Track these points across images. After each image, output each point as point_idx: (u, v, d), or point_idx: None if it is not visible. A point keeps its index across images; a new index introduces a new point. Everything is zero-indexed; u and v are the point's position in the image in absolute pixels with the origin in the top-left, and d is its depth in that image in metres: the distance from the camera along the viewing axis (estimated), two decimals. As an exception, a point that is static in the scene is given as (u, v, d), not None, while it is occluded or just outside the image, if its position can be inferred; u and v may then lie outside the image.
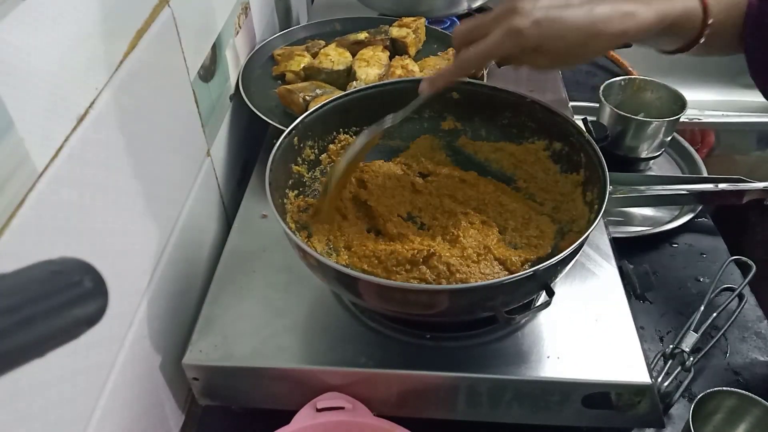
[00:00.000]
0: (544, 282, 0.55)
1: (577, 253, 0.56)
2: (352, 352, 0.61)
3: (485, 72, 0.90)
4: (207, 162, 0.75)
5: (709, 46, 0.62)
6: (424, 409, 0.63)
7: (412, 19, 0.98)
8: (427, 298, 0.54)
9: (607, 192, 0.58)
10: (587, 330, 0.62)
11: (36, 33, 0.42)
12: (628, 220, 0.93)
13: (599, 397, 0.59)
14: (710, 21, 0.59)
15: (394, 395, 0.61)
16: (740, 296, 0.80)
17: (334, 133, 0.73)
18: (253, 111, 0.82)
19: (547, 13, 0.54)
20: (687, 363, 0.71)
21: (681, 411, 0.69)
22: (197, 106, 0.71)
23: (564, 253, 0.53)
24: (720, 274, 0.81)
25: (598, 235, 0.71)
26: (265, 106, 0.84)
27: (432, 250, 0.62)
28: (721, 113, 1.27)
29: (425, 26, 0.99)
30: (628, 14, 0.56)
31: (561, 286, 0.64)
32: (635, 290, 0.67)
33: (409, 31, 0.96)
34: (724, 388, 0.62)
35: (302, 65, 0.91)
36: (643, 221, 0.93)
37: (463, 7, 1.10)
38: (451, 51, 0.94)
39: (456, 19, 1.15)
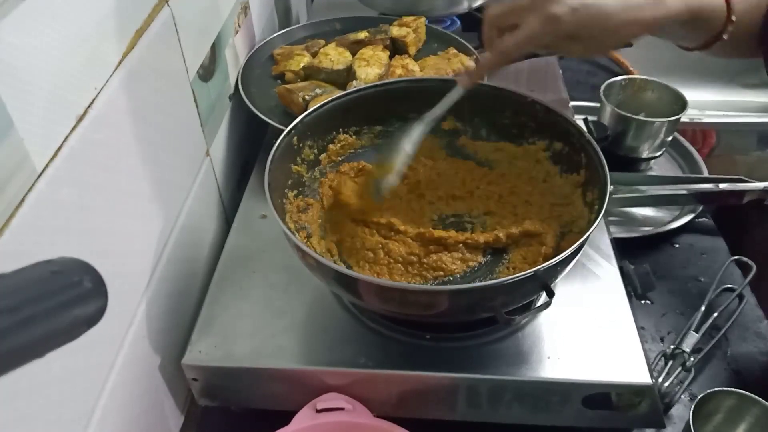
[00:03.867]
0: (544, 282, 0.55)
1: (578, 253, 0.56)
2: (352, 353, 0.61)
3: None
4: (206, 162, 0.75)
5: (729, 46, 0.62)
6: (424, 409, 0.62)
7: (412, 18, 0.98)
8: (426, 298, 0.54)
9: (608, 192, 0.58)
10: (588, 330, 0.62)
11: (36, 33, 0.42)
12: (629, 220, 0.93)
13: (600, 397, 0.59)
14: (733, 18, 0.60)
15: (394, 396, 0.61)
16: (740, 296, 0.80)
17: (334, 133, 0.73)
18: (252, 111, 0.82)
19: None
20: (687, 363, 0.71)
21: (681, 411, 0.69)
22: (196, 106, 0.71)
23: (564, 253, 0.52)
24: (720, 274, 0.81)
25: (599, 236, 0.71)
26: (265, 106, 0.84)
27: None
28: (721, 113, 1.27)
29: (425, 25, 0.99)
30: (659, 2, 0.57)
31: (561, 286, 0.64)
32: (636, 290, 0.67)
33: (409, 30, 0.95)
34: (724, 388, 0.62)
35: (302, 65, 0.91)
36: (644, 221, 0.93)
37: (463, 6, 1.10)
38: (451, 50, 0.93)
39: (456, 19, 1.15)
